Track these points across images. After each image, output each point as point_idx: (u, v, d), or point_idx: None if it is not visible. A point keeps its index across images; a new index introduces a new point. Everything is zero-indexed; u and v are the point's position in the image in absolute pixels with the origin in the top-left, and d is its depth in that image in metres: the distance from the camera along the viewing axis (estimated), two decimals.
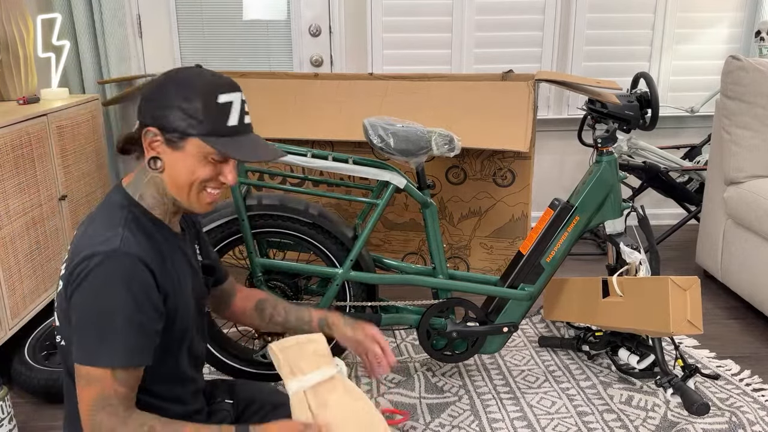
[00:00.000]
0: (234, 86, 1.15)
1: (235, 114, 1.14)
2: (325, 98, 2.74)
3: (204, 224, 1.98)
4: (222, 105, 1.12)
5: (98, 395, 1.08)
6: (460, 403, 2.03)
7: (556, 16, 3.34)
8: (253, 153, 1.14)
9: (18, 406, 2.03)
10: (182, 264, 1.23)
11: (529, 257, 2.03)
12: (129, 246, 1.09)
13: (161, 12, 3.31)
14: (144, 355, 1.11)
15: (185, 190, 1.16)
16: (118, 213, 1.15)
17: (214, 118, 1.12)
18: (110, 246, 1.08)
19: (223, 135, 1.13)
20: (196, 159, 1.13)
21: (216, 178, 1.17)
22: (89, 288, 1.07)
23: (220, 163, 1.16)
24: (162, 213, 1.20)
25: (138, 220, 1.15)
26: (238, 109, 1.15)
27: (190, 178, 1.15)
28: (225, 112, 1.13)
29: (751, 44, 3.41)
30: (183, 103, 1.10)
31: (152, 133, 1.13)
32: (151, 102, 1.13)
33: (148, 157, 1.15)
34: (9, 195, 2.09)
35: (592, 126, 3.13)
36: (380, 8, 3.30)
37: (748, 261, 2.54)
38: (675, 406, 1.96)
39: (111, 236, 1.09)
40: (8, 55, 2.54)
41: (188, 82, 1.12)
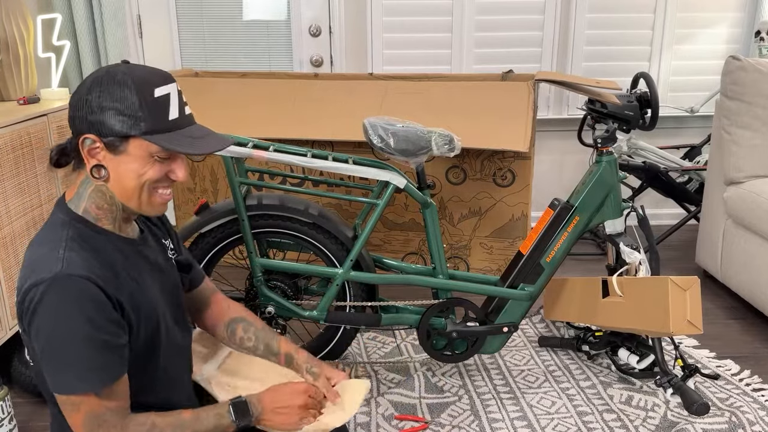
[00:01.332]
0: (167, 78, 1.09)
1: (174, 106, 1.08)
2: (325, 98, 2.74)
3: (204, 224, 1.98)
4: (159, 99, 1.06)
5: (89, 416, 1.05)
6: (460, 403, 2.03)
7: (556, 16, 3.34)
8: (202, 146, 1.08)
9: (18, 406, 2.03)
10: (142, 269, 1.17)
11: (529, 257, 2.03)
12: (72, 267, 1.03)
13: (161, 12, 3.31)
14: (117, 369, 1.07)
15: (135, 195, 1.10)
16: (60, 233, 1.08)
17: (153, 115, 1.05)
18: (53, 271, 1.02)
19: (166, 130, 1.07)
20: (142, 160, 1.07)
21: (166, 177, 1.11)
22: (43, 318, 1.02)
23: (166, 160, 1.09)
24: (110, 223, 1.13)
25: (82, 236, 1.09)
26: (176, 100, 1.08)
27: (139, 182, 1.08)
28: (163, 106, 1.06)
29: (751, 44, 3.41)
30: (117, 104, 1.04)
31: (90, 140, 1.06)
32: (82, 108, 1.05)
33: (90, 167, 1.08)
34: (9, 195, 2.09)
35: (591, 126, 3.13)
36: (380, 8, 3.31)
37: (748, 261, 2.54)
38: (675, 406, 1.96)
39: (53, 260, 1.04)
40: (8, 55, 2.54)
41: (118, 81, 1.05)
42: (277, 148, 1.92)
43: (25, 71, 2.60)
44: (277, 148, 1.92)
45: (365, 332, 2.47)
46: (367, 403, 2.01)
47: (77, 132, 1.07)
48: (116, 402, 1.07)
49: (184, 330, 1.30)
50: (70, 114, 1.09)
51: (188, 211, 3.01)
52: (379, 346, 2.39)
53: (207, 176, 2.96)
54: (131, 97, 1.04)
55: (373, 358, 2.29)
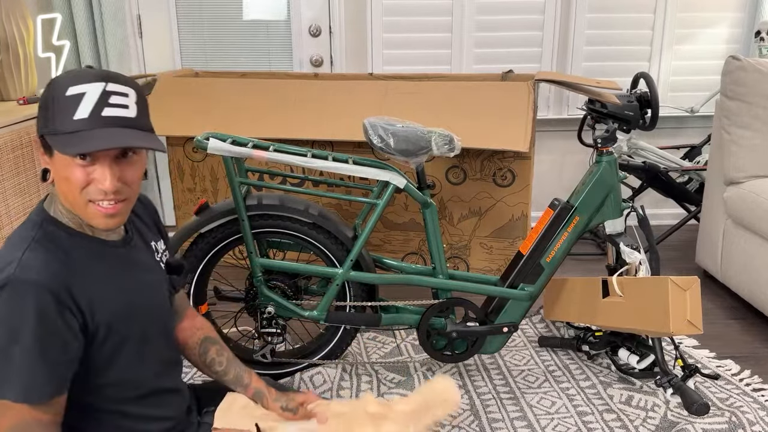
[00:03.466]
0: (95, 77, 1.01)
1: (86, 106, 1.00)
2: (325, 98, 2.74)
3: (204, 224, 1.98)
4: (70, 97, 1.00)
5: (16, 425, 1.00)
6: (460, 402, 2.03)
7: (556, 16, 3.34)
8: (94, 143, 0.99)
9: None
10: (117, 273, 1.13)
11: (529, 257, 2.03)
12: (26, 272, 1.00)
13: (161, 12, 3.31)
14: (53, 386, 1.02)
15: (71, 200, 1.05)
16: (29, 233, 1.06)
17: (60, 113, 1.00)
18: (5, 275, 0.99)
19: (71, 130, 1.00)
20: (65, 163, 1.02)
21: (90, 184, 1.03)
22: None
23: (89, 165, 1.02)
24: (77, 225, 1.10)
25: (50, 238, 1.06)
26: (93, 100, 1.00)
27: (69, 186, 1.03)
28: (73, 105, 1.00)
29: (751, 44, 3.41)
30: (42, 103, 1.04)
31: (37, 143, 1.06)
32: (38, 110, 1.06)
33: (41, 170, 1.08)
34: (9, 195, 2.09)
35: (591, 126, 3.12)
36: (380, 8, 3.31)
37: (748, 261, 2.54)
38: (675, 406, 1.96)
39: (10, 262, 1.01)
40: (8, 55, 2.54)
41: (55, 80, 1.04)
42: (277, 148, 1.92)
43: (25, 71, 2.60)
44: (277, 148, 1.92)
45: (365, 332, 2.47)
46: None
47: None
48: (47, 416, 1.02)
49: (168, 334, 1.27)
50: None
51: (188, 211, 3.01)
52: (379, 346, 2.39)
53: (207, 176, 2.96)
54: (48, 95, 1.03)
55: (373, 358, 2.29)
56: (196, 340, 1.39)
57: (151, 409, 1.20)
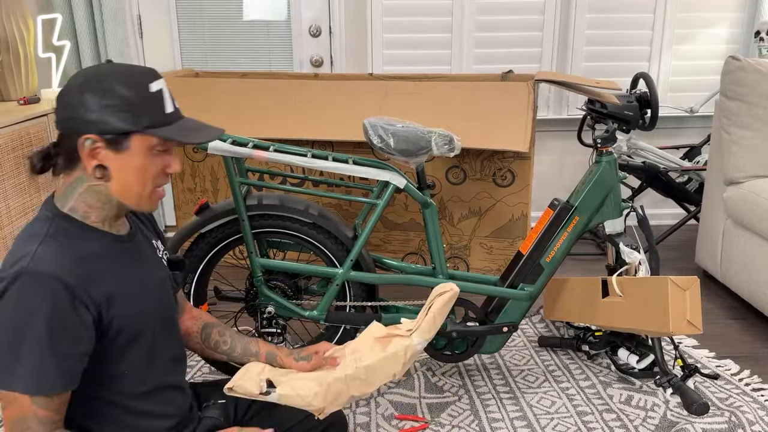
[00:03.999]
0: (156, 73, 1.11)
1: (167, 100, 1.11)
2: (325, 98, 2.74)
3: (204, 224, 1.99)
4: (155, 94, 1.08)
5: (17, 418, 1.02)
6: (460, 402, 2.03)
7: (556, 16, 3.34)
8: (199, 135, 1.12)
9: None
10: (129, 266, 1.16)
11: (529, 257, 2.03)
12: (40, 264, 1.01)
13: (161, 12, 3.31)
14: (61, 380, 1.03)
15: (137, 191, 1.11)
16: (41, 228, 1.08)
17: (151, 109, 1.08)
18: (20, 266, 1.01)
19: (165, 123, 1.09)
20: (143, 155, 1.09)
21: (162, 171, 1.13)
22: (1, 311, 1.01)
23: (163, 153, 1.12)
24: (99, 220, 1.13)
25: (63, 233, 1.08)
26: (168, 95, 1.12)
27: (143, 177, 1.10)
28: (159, 100, 1.09)
29: (751, 44, 3.41)
30: (116, 101, 1.05)
31: (91, 140, 1.06)
32: (78, 109, 1.05)
33: (92, 167, 1.08)
34: (9, 195, 2.09)
35: (591, 126, 3.13)
36: (380, 8, 3.31)
37: (747, 261, 2.55)
38: (674, 405, 1.97)
39: (24, 255, 1.02)
40: (8, 55, 2.54)
41: (113, 80, 1.06)
42: (277, 148, 1.92)
43: (25, 71, 2.60)
44: (277, 148, 1.92)
45: None
46: (367, 403, 2.01)
47: (75, 133, 1.06)
48: (48, 413, 1.03)
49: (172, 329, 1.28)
50: (62, 116, 1.07)
51: (188, 211, 3.01)
52: None
53: (207, 176, 2.96)
54: (129, 94, 1.05)
55: None
56: (196, 329, 1.42)
57: (155, 405, 1.21)
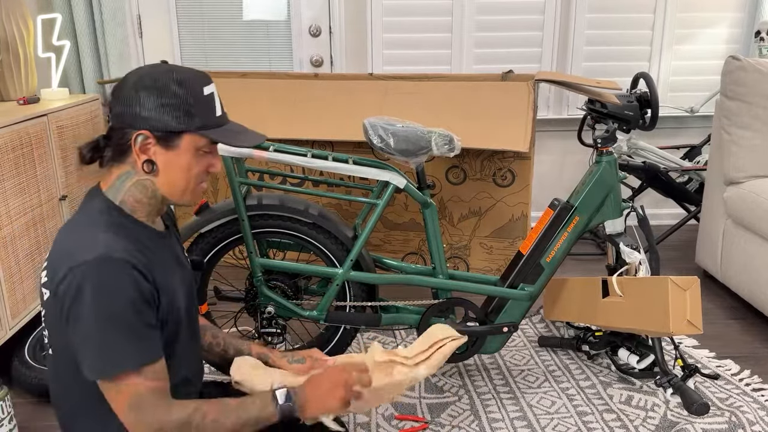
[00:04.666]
0: (209, 77, 1.17)
1: (218, 104, 1.17)
2: (325, 98, 2.74)
3: (204, 224, 1.99)
4: (207, 97, 1.14)
5: (132, 397, 1.08)
6: (460, 403, 2.03)
7: (556, 16, 3.34)
8: (246, 139, 1.18)
9: (18, 406, 2.03)
10: (170, 262, 1.22)
11: (529, 257, 2.03)
12: (113, 250, 1.07)
13: (161, 12, 3.31)
14: (155, 349, 1.11)
15: (182, 187, 1.17)
16: (99, 218, 1.13)
17: (204, 111, 1.13)
18: (95, 253, 1.06)
19: (216, 126, 1.16)
20: (191, 154, 1.15)
21: (205, 170, 1.19)
22: (85, 300, 1.04)
23: (208, 154, 1.18)
24: (145, 215, 1.19)
25: (121, 224, 1.13)
26: (218, 99, 1.18)
27: (188, 174, 1.16)
28: (212, 103, 1.15)
29: (751, 44, 3.41)
30: (172, 101, 1.11)
31: (143, 136, 1.12)
32: (134, 106, 1.11)
33: (142, 161, 1.13)
34: (9, 195, 2.09)
35: (591, 126, 3.11)
36: (380, 8, 3.31)
37: (747, 261, 2.54)
38: (675, 405, 1.96)
39: (94, 243, 1.07)
40: (8, 55, 2.54)
41: (169, 80, 1.11)
42: (277, 148, 1.92)
43: (25, 71, 2.60)
44: (277, 148, 1.92)
45: (365, 332, 2.47)
46: None
47: (127, 127, 1.12)
48: (156, 382, 1.10)
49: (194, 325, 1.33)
50: (118, 110, 1.13)
51: (188, 211, 3.01)
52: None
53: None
54: (185, 95, 1.11)
55: None
56: None
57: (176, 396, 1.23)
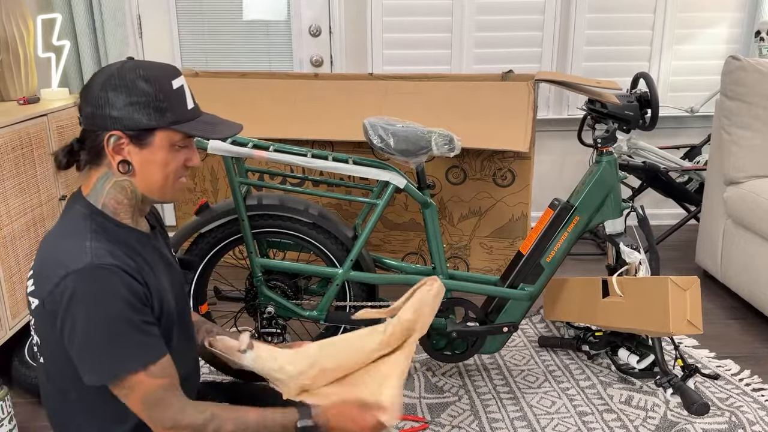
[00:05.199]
0: (177, 70, 1.15)
1: (188, 97, 1.15)
2: (325, 98, 2.74)
3: (204, 224, 1.98)
4: (177, 91, 1.12)
5: (144, 396, 1.08)
6: (460, 403, 2.03)
7: (556, 16, 3.34)
8: (220, 130, 1.16)
9: (18, 406, 2.03)
10: (158, 263, 1.20)
11: (529, 257, 2.03)
12: (101, 257, 1.06)
13: (161, 12, 3.31)
14: (159, 347, 1.11)
15: (161, 184, 1.15)
16: (83, 224, 1.11)
17: (175, 106, 1.11)
18: (83, 262, 1.05)
19: (188, 119, 1.13)
20: (165, 150, 1.12)
21: (183, 165, 1.17)
22: (79, 309, 1.04)
23: (184, 148, 1.16)
24: (128, 216, 1.17)
25: (104, 229, 1.12)
26: (188, 91, 1.15)
27: (165, 171, 1.14)
28: (181, 97, 1.13)
29: (751, 44, 3.41)
30: (141, 98, 1.08)
31: (116, 137, 1.09)
32: (103, 107, 1.08)
33: (117, 162, 1.11)
34: (9, 195, 2.09)
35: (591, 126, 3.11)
36: (380, 8, 3.31)
37: (747, 261, 2.54)
38: (675, 405, 1.96)
39: (81, 252, 1.06)
40: (8, 55, 2.54)
41: (136, 76, 1.09)
42: (277, 148, 1.92)
43: (25, 71, 2.60)
44: (277, 148, 1.92)
45: None
46: None
47: (99, 129, 1.10)
48: (164, 379, 1.10)
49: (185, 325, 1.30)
50: (87, 112, 1.10)
51: (188, 211, 3.01)
52: None
53: (207, 176, 2.96)
54: (154, 91, 1.09)
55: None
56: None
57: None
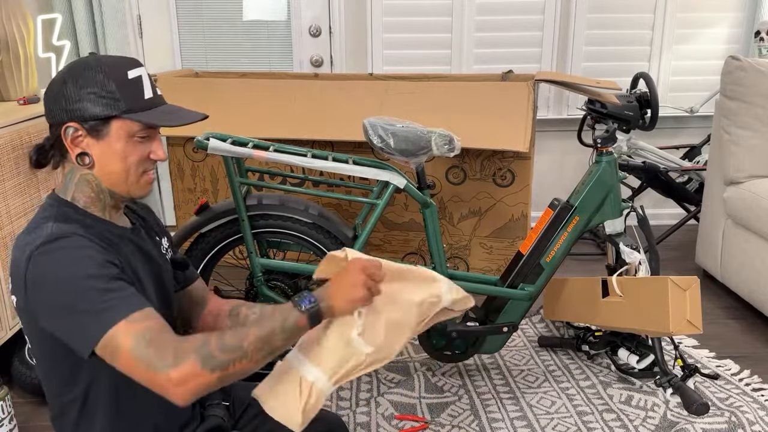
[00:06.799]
0: (136, 62, 1.14)
1: (147, 87, 1.13)
2: (325, 98, 2.74)
3: (204, 224, 1.99)
4: (133, 80, 1.11)
5: (134, 344, 0.98)
6: (459, 402, 2.03)
7: (556, 16, 3.34)
8: (178, 118, 1.13)
9: (18, 406, 2.03)
10: (134, 252, 1.18)
11: (529, 257, 2.03)
12: (62, 230, 1.05)
13: (161, 12, 3.31)
14: (139, 299, 1.04)
15: (122, 177, 1.13)
16: (48, 213, 1.11)
17: (130, 95, 1.10)
18: (44, 237, 1.04)
19: (144, 108, 1.11)
20: (123, 141, 1.10)
21: (147, 158, 1.14)
22: (42, 280, 1.02)
23: (146, 140, 1.13)
24: (100, 210, 1.16)
25: (69, 216, 1.11)
26: (148, 82, 1.14)
27: (125, 163, 1.12)
28: (138, 86, 1.11)
29: (751, 44, 3.41)
30: (95, 88, 1.08)
31: (72, 128, 1.09)
32: (60, 100, 1.09)
33: (75, 155, 1.11)
34: (9, 195, 2.09)
35: (591, 126, 3.13)
36: (380, 8, 3.31)
37: (747, 261, 2.54)
38: (674, 405, 1.96)
39: (42, 232, 1.05)
40: (8, 55, 2.54)
41: (92, 68, 1.09)
42: (277, 148, 1.92)
43: (25, 71, 2.60)
44: (277, 148, 1.92)
45: None
46: (367, 403, 2.01)
47: (57, 123, 1.10)
48: (153, 321, 1.02)
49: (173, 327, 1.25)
50: (47, 108, 1.11)
51: (188, 211, 3.01)
52: None
53: (207, 176, 2.96)
54: (107, 80, 1.09)
55: None
56: (224, 315, 1.40)
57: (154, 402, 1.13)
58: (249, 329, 1.06)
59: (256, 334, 1.05)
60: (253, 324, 1.09)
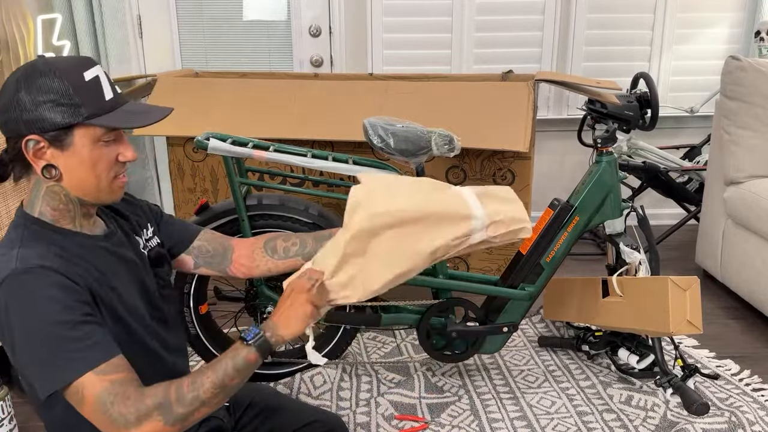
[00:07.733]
0: (91, 61, 1.08)
1: (106, 87, 1.07)
2: (325, 98, 2.74)
3: (204, 224, 1.98)
4: (91, 81, 1.05)
5: (98, 396, 0.98)
6: (459, 402, 2.03)
7: (556, 17, 3.34)
8: (145, 117, 1.08)
9: (18, 406, 2.03)
10: (111, 264, 1.14)
11: (529, 257, 2.03)
12: (26, 260, 1.00)
13: (161, 12, 3.31)
14: (106, 344, 1.02)
15: (93, 185, 1.08)
16: (15, 234, 1.06)
17: (89, 98, 1.04)
18: (8, 269, 0.99)
19: (107, 111, 1.05)
20: (89, 148, 1.05)
21: (116, 161, 1.09)
22: (14, 319, 0.98)
23: (112, 143, 1.08)
24: (69, 222, 1.10)
25: (38, 236, 1.06)
26: (106, 81, 1.07)
27: (95, 171, 1.07)
28: (97, 87, 1.05)
29: (751, 44, 3.41)
30: (51, 95, 1.01)
31: (33, 141, 1.03)
32: (14, 111, 1.02)
33: (41, 168, 1.05)
34: (9, 195, 2.09)
35: (591, 126, 3.12)
36: (380, 8, 3.31)
37: (747, 261, 2.54)
38: (675, 405, 1.96)
39: (7, 260, 1.01)
40: (8, 55, 2.54)
41: (44, 73, 1.02)
42: (277, 148, 1.92)
43: None
44: (277, 148, 1.92)
45: (365, 332, 2.47)
46: (367, 403, 2.01)
47: (16, 136, 1.04)
48: (119, 374, 1.00)
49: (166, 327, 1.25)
50: (3, 119, 1.04)
51: (188, 211, 3.01)
52: (379, 346, 2.39)
53: (207, 176, 2.96)
54: (63, 86, 1.02)
55: (373, 358, 2.29)
56: (260, 251, 1.37)
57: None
58: (204, 376, 1.05)
59: (211, 381, 1.05)
60: (207, 368, 1.06)
